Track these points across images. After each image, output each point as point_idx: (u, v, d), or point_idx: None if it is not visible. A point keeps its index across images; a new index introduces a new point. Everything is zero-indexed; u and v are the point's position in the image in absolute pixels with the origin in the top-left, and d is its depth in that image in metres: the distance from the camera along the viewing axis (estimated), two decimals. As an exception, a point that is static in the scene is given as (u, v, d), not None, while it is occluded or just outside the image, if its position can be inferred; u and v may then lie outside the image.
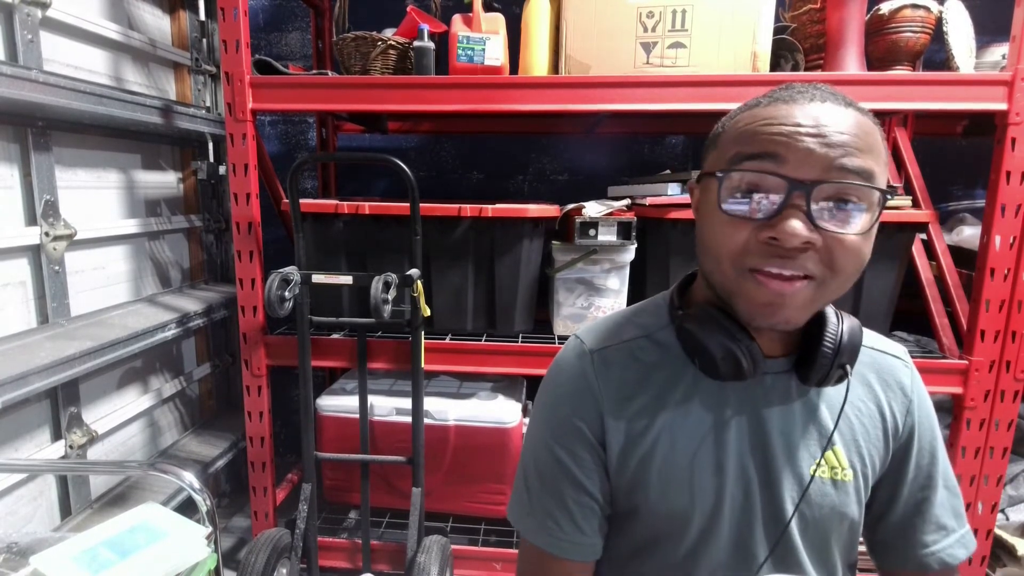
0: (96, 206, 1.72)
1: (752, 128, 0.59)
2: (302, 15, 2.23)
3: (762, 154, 0.57)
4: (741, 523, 0.67)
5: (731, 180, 0.59)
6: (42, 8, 1.43)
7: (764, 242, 0.57)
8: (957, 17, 1.45)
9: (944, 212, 1.95)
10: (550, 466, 0.70)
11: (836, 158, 0.55)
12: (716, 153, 0.64)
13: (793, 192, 0.56)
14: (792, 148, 0.56)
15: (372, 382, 1.82)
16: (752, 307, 0.60)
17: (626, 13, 1.41)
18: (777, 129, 0.57)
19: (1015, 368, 1.45)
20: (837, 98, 0.59)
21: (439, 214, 1.57)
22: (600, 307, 1.67)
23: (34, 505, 1.48)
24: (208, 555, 0.96)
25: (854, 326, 0.65)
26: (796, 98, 0.58)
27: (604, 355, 0.70)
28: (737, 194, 0.59)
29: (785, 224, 0.55)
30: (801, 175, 0.55)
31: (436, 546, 1.51)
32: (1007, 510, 1.66)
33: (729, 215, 0.59)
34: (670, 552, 0.69)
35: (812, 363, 0.64)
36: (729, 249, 0.59)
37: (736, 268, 0.59)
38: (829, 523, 0.68)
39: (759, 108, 0.60)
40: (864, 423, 0.69)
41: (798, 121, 0.56)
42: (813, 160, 0.55)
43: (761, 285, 0.58)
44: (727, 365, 0.63)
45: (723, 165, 0.60)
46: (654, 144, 2.21)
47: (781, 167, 0.56)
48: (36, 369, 1.25)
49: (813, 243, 0.56)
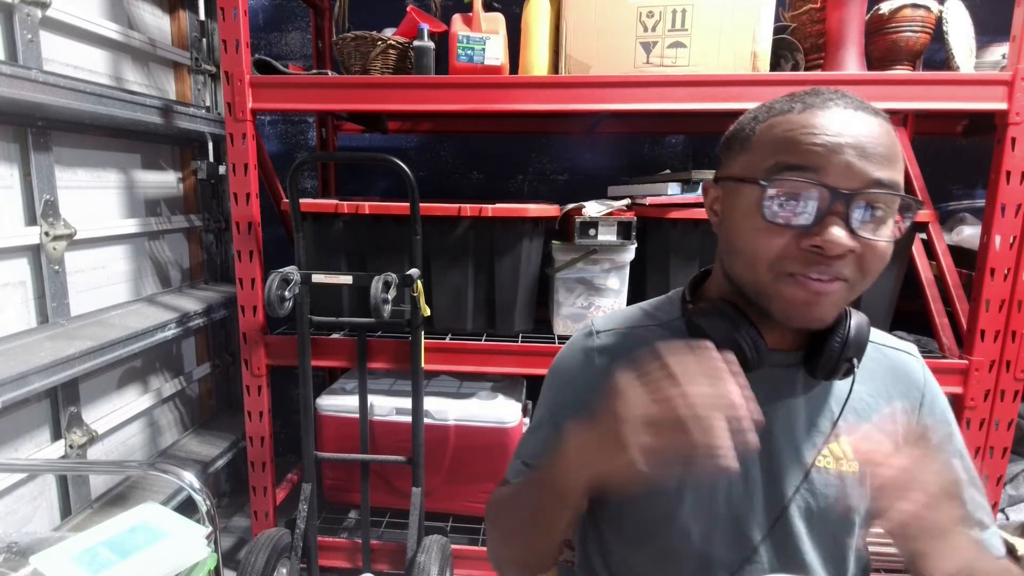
0: (96, 206, 1.72)
1: (792, 137, 0.60)
2: (302, 15, 2.23)
3: (804, 166, 0.59)
4: (739, 510, 0.68)
5: (773, 189, 0.60)
6: (42, 8, 1.42)
7: (806, 249, 0.59)
8: (957, 17, 1.45)
9: (944, 212, 1.95)
10: (546, 433, 0.74)
11: (872, 171, 0.58)
12: (748, 157, 0.64)
13: (835, 202, 0.58)
14: (833, 161, 0.58)
15: (372, 382, 1.82)
16: (790, 307, 0.62)
17: (626, 13, 1.41)
18: (819, 140, 0.58)
19: (1015, 368, 1.45)
20: (866, 107, 0.61)
21: (439, 214, 1.57)
22: (600, 307, 1.67)
23: (34, 505, 1.48)
24: (208, 555, 0.96)
25: (862, 321, 0.67)
26: (830, 106, 0.60)
27: (610, 335, 0.75)
28: (780, 201, 0.60)
29: (829, 232, 0.58)
30: (842, 185, 0.58)
31: (436, 546, 1.51)
32: (1007, 510, 1.66)
33: (772, 223, 0.60)
34: (664, 539, 0.69)
35: (820, 356, 0.66)
36: (768, 255, 0.61)
37: (774, 272, 0.61)
38: (835, 516, 0.68)
39: (794, 115, 0.61)
40: (872, 418, 0.70)
41: (839, 131, 0.58)
42: (852, 173, 0.58)
43: (801, 287, 0.60)
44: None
45: (762, 173, 0.61)
46: (654, 144, 2.21)
47: (823, 178, 0.58)
48: (36, 369, 1.25)
49: (854, 250, 0.59)
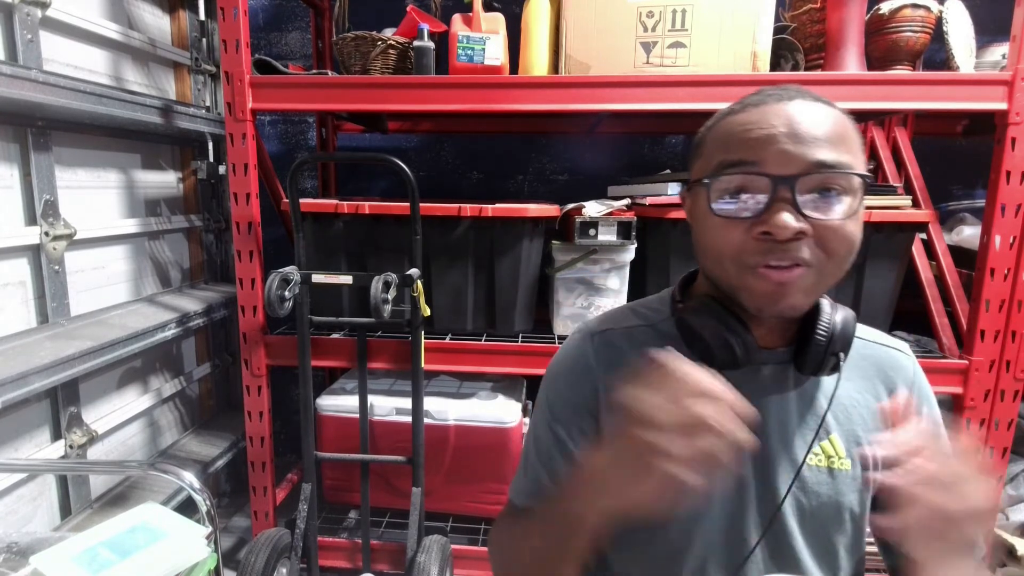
0: (96, 206, 1.72)
1: (730, 134, 0.63)
2: (302, 15, 2.23)
3: (742, 160, 0.61)
4: (733, 509, 0.68)
5: (718, 184, 0.62)
6: (42, 8, 1.42)
7: (758, 238, 0.60)
8: (957, 17, 1.45)
9: (944, 212, 1.95)
10: (547, 442, 0.73)
11: (811, 153, 0.59)
12: (701, 162, 0.67)
13: (778, 187, 0.59)
14: (769, 151, 0.60)
15: (372, 382, 1.82)
16: (757, 298, 0.63)
17: (626, 13, 1.41)
18: (754, 135, 0.61)
19: (1015, 368, 1.45)
20: (805, 96, 0.62)
21: (439, 214, 1.57)
22: (600, 307, 1.67)
23: (34, 505, 1.48)
24: (208, 555, 0.96)
25: (847, 316, 0.67)
26: (766, 100, 0.62)
27: (605, 336, 0.74)
28: (726, 196, 0.62)
29: (775, 217, 0.59)
30: (782, 171, 0.59)
31: (436, 546, 1.51)
32: (1007, 510, 1.66)
33: (721, 217, 0.62)
34: (659, 539, 0.69)
35: (806, 351, 0.66)
36: (727, 249, 0.62)
37: (737, 266, 0.62)
38: (827, 514, 0.68)
39: (733, 115, 0.64)
40: (863, 415, 0.70)
41: (771, 123, 0.60)
42: (790, 159, 0.59)
43: (762, 278, 0.61)
44: (722, 353, 0.65)
45: (708, 172, 0.64)
46: (654, 144, 2.21)
47: (762, 168, 0.60)
48: (36, 369, 1.25)
49: (804, 232, 0.59)
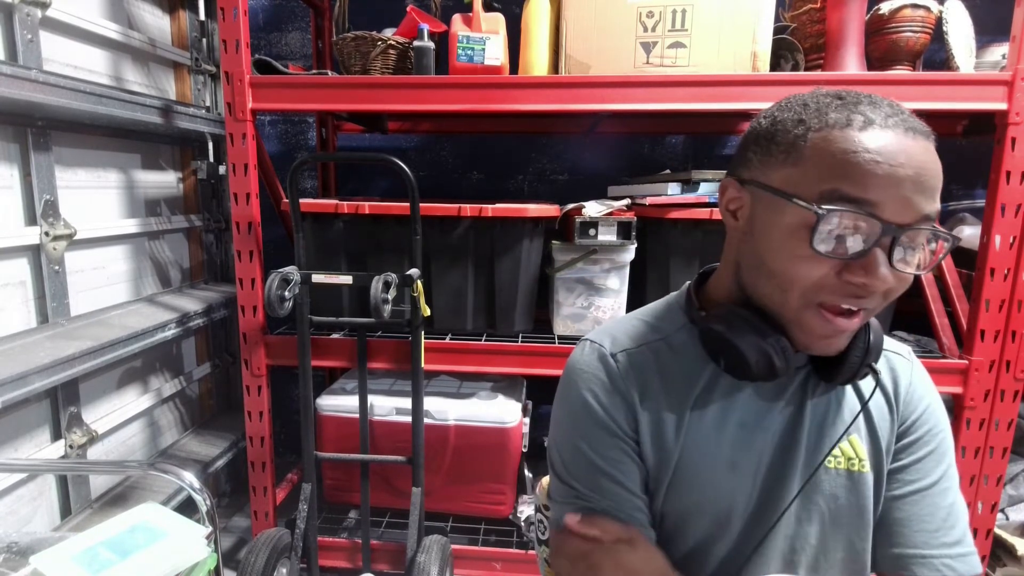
0: (96, 206, 1.72)
1: (852, 161, 0.55)
2: (302, 15, 2.23)
3: (864, 199, 0.55)
4: (753, 518, 0.67)
5: (831, 219, 0.55)
6: (42, 8, 1.42)
7: (843, 281, 0.57)
8: (957, 17, 1.45)
9: (944, 212, 1.95)
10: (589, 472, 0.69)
11: (924, 206, 0.56)
12: (796, 171, 0.58)
13: (885, 236, 0.55)
14: (894, 196, 0.55)
15: (372, 382, 1.82)
16: (810, 338, 0.61)
17: (626, 13, 1.41)
18: (882, 171, 0.54)
19: (1015, 368, 1.45)
20: (919, 128, 0.57)
21: (439, 214, 1.57)
22: (600, 307, 1.67)
23: (34, 505, 1.48)
24: (208, 555, 0.96)
25: (877, 326, 0.65)
26: (891, 124, 0.56)
27: (628, 356, 0.71)
28: (834, 233, 0.56)
29: (877, 271, 0.56)
30: (896, 220, 0.55)
31: (436, 546, 1.51)
32: (1007, 510, 1.66)
33: (820, 254, 0.57)
34: (680, 544, 0.69)
35: (842, 363, 0.64)
36: (806, 284, 0.58)
37: (805, 300, 0.59)
38: (848, 518, 0.68)
39: (853, 130, 0.56)
40: (878, 419, 0.69)
41: (901, 161, 0.55)
42: (909, 208, 0.55)
43: (827, 322, 0.59)
44: (761, 365, 0.62)
45: (816, 196, 0.56)
46: (654, 144, 2.21)
47: (880, 211, 0.55)
48: (36, 369, 1.25)
49: (890, 285, 0.57)
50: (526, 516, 1.79)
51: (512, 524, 1.84)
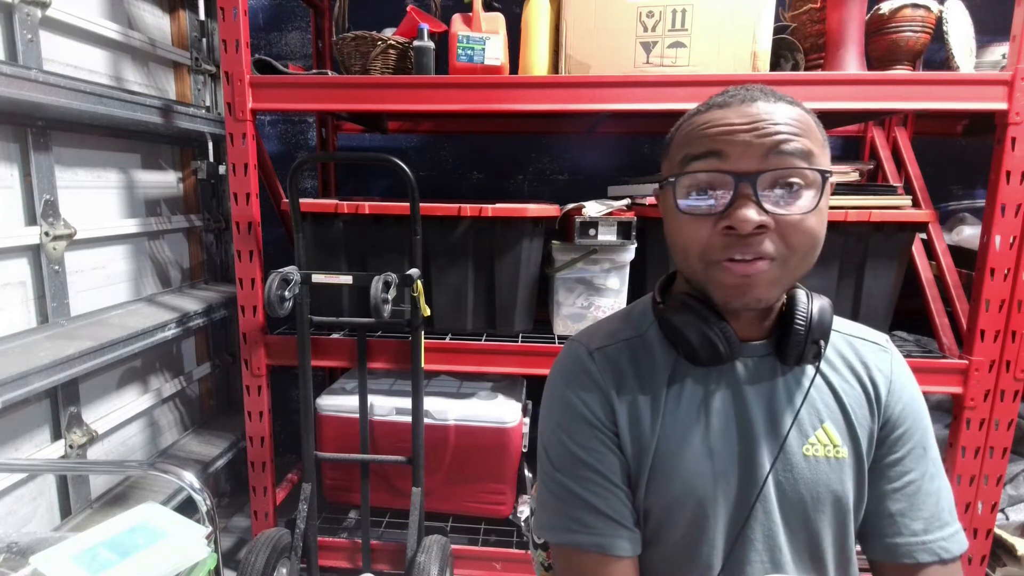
0: (96, 206, 1.72)
1: (695, 132, 0.65)
2: (302, 15, 2.23)
3: (706, 153, 0.64)
4: (734, 505, 0.69)
5: (683, 181, 0.65)
6: (42, 8, 1.42)
7: (722, 233, 0.63)
8: (957, 17, 1.45)
9: (944, 212, 1.95)
10: (572, 464, 0.71)
11: (772, 145, 0.61)
12: (668, 161, 0.70)
13: (739, 184, 0.62)
14: (731, 143, 0.62)
15: (372, 382, 1.82)
16: (724, 292, 0.65)
17: (626, 13, 1.41)
18: (717, 129, 0.63)
19: (1015, 368, 1.45)
20: (767, 94, 0.65)
21: (439, 214, 1.57)
22: (600, 307, 1.67)
23: (34, 505, 1.48)
24: (208, 555, 0.96)
25: (824, 305, 0.70)
26: (730, 101, 0.65)
27: (605, 353, 0.74)
28: (692, 194, 0.65)
29: (737, 213, 0.61)
30: (743, 167, 0.62)
31: (436, 546, 1.51)
32: (1007, 510, 1.66)
33: (688, 214, 0.65)
34: (668, 538, 0.70)
35: (787, 341, 0.68)
36: (694, 245, 0.65)
37: (703, 261, 0.65)
38: (831, 505, 0.69)
39: (699, 115, 0.67)
40: (853, 405, 0.71)
41: (733, 120, 0.63)
42: (751, 151, 0.62)
43: (727, 272, 0.63)
44: (705, 350, 0.67)
45: (675, 170, 0.67)
46: (654, 144, 2.21)
47: (725, 163, 0.63)
48: (36, 369, 1.25)
49: (766, 226, 0.61)
50: (526, 516, 1.79)
51: (512, 524, 1.84)
